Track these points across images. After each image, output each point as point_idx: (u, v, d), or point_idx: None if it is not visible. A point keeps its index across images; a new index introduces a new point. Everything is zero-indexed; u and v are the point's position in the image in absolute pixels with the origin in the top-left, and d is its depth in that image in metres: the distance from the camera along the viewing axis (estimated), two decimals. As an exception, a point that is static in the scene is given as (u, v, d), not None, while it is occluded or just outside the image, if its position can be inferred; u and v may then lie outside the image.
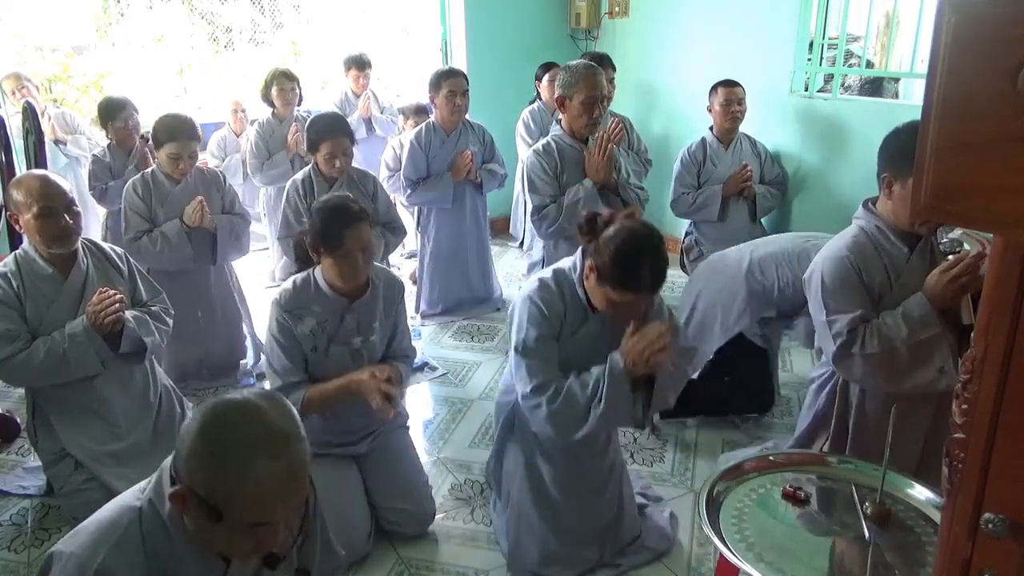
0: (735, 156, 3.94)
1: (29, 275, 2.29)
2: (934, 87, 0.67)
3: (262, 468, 1.11)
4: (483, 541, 2.33)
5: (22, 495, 2.59)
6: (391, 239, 3.33)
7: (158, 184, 3.16)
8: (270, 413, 1.16)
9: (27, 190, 2.22)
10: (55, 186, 2.25)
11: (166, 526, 1.21)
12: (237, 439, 1.13)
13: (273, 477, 1.12)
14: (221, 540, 1.20)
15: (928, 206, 0.70)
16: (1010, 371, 0.73)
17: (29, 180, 2.26)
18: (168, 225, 3.12)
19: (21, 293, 2.27)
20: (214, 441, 1.13)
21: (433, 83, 3.82)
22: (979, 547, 0.79)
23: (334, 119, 3.25)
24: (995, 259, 0.73)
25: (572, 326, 1.95)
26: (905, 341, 1.89)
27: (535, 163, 2.99)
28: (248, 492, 1.11)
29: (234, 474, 1.11)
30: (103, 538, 1.19)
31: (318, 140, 3.10)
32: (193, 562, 1.24)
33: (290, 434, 1.16)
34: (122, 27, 7.65)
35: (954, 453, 0.80)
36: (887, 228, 2.00)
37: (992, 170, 0.65)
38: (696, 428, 2.94)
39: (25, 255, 2.32)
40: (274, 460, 1.12)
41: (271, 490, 1.13)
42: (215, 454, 1.12)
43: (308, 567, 1.46)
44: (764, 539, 1.56)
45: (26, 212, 2.23)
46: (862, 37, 4.84)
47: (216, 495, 1.12)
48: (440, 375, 3.46)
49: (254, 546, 1.19)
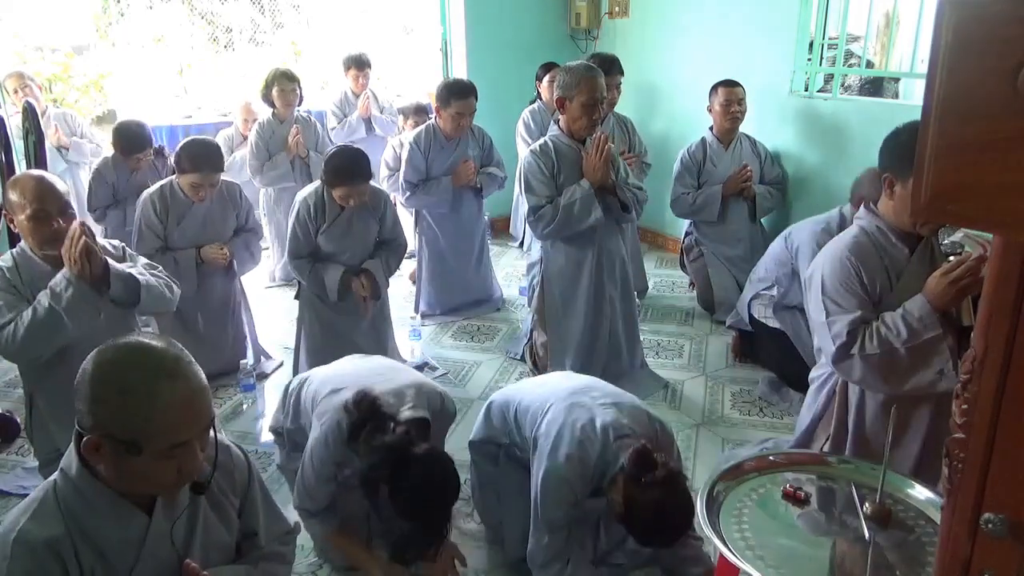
0: (735, 156, 3.94)
1: (27, 272, 2.29)
2: (934, 87, 0.67)
3: (166, 390, 1.20)
4: (483, 541, 2.33)
5: (22, 495, 2.59)
6: (393, 263, 3.28)
7: (176, 200, 3.16)
8: (156, 345, 1.25)
9: (22, 191, 2.21)
10: (50, 188, 2.24)
11: (77, 488, 1.27)
12: (135, 372, 1.20)
13: (178, 396, 1.21)
14: (144, 475, 1.25)
15: (928, 206, 0.70)
16: (1010, 371, 0.73)
17: (25, 180, 2.25)
18: (183, 256, 3.16)
19: (19, 285, 2.27)
20: (114, 380, 1.20)
21: (442, 98, 3.73)
22: (979, 547, 0.79)
23: (354, 161, 2.96)
24: (995, 259, 0.73)
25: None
26: (905, 343, 1.89)
27: (532, 163, 2.98)
28: (159, 414, 1.19)
29: (143, 401, 1.19)
30: (23, 511, 1.28)
31: (335, 183, 2.96)
32: (113, 519, 1.28)
33: (180, 358, 1.25)
34: (122, 27, 7.64)
35: (954, 453, 0.80)
36: (888, 229, 2.00)
37: (992, 170, 0.65)
38: (696, 428, 2.95)
39: (22, 253, 2.32)
40: (174, 381, 1.21)
41: (179, 408, 1.21)
42: (118, 390, 1.19)
43: (254, 528, 1.52)
44: (764, 539, 1.56)
45: (20, 213, 2.22)
46: (862, 37, 4.84)
47: (130, 428, 1.19)
48: (440, 375, 3.46)
49: (176, 472, 1.25)
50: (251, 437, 2.96)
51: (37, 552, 1.22)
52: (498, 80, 5.18)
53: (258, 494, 1.54)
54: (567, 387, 2.09)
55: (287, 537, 1.62)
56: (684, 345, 3.72)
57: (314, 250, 3.11)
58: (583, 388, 2.07)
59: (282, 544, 1.60)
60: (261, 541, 1.53)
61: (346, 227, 3.10)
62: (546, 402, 2.03)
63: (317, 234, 3.08)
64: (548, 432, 1.94)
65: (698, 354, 3.62)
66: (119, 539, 1.29)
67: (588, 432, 1.90)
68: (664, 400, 3.18)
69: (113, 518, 1.29)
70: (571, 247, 3.09)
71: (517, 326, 3.95)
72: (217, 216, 3.27)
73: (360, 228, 3.13)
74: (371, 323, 3.30)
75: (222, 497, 1.46)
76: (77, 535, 1.25)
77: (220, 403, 3.22)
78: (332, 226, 3.07)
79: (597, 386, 2.10)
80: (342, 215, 3.07)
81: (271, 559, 1.54)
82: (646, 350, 3.44)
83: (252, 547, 1.52)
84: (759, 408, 3.09)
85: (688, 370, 3.45)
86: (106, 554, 1.28)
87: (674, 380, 3.34)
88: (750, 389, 3.24)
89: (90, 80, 7.48)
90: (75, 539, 1.25)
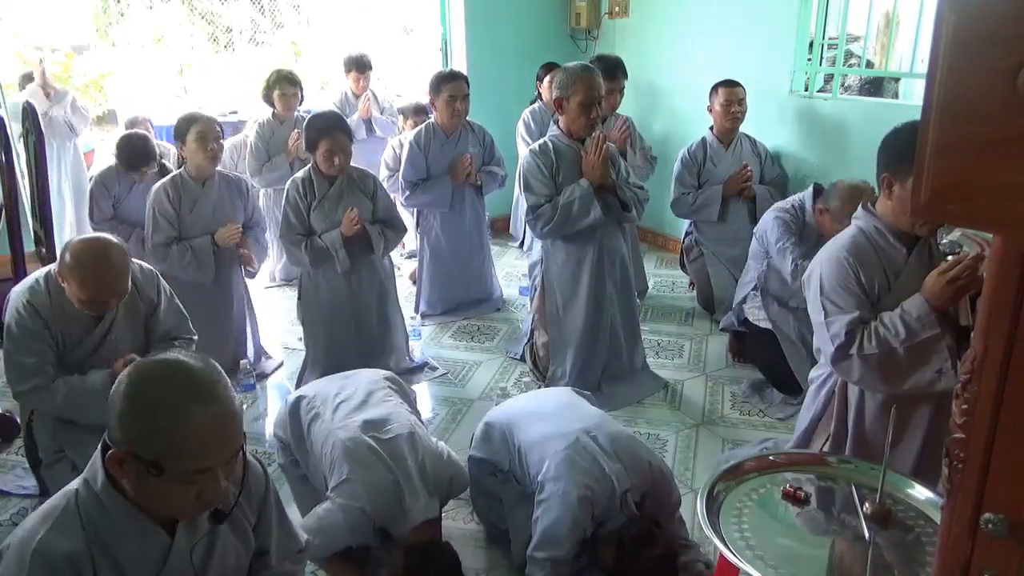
0: (735, 156, 3.94)
1: (59, 306, 2.20)
2: (934, 87, 0.66)
3: (196, 413, 1.16)
4: (483, 541, 2.33)
5: (22, 495, 2.59)
6: (391, 236, 3.33)
7: (186, 187, 3.23)
8: (194, 365, 1.21)
9: (80, 282, 2.07)
10: (112, 283, 2.10)
11: (101, 501, 1.23)
12: (168, 390, 1.17)
13: (207, 420, 1.17)
14: (164, 496, 1.22)
15: (928, 206, 0.70)
16: (1010, 371, 0.73)
17: (83, 272, 2.06)
18: (199, 242, 3.20)
19: (51, 323, 2.20)
20: (145, 396, 1.17)
21: (433, 86, 3.81)
22: (979, 547, 0.79)
23: (332, 117, 3.25)
24: (995, 259, 0.73)
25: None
26: (903, 342, 1.89)
27: (531, 163, 2.99)
28: (186, 437, 1.16)
29: (170, 422, 1.15)
30: (42, 520, 1.23)
31: (316, 138, 3.11)
32: (135, 536, 1.25)
33: (217, 381, 1.21)
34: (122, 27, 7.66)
35: (954, 453, 0.80)
36: (886, 229, 2.00)
37: (992, 170, 0.65)
38: (696, 428, 2.95)
39: (58, 287, 2.18)
40: (206, 404, 1.17)
41: (207, 434, 1.17)
42: (148, 407, 1.16)
43: (266, 547, 1.48)
44: (764, 539, 1.56)
45: (70, 286, 2.10)
46: (862, 37, 4.84)
47: (155, 447, 1.15)
48: (440, 375, 3.46)
49: (197, 497, 1.21)
50: (251, 437, 2.96)
51: (56, 566, 1.18)
52: (498, 80, 5.18)
53: (272, 511, 1.50)
54: (569, 428, 2.11)
55: (298, 556, 1.59)
56: (684, 345, 3.72)
57: (308, 231, 3.17)
58: (584, 429, 2.10)
59: (293, 563, 1.56)
60: (272, 560, 1.49)
61: (336, 201, 3.16)
62: (551, 446, 2.08)
63: (309, 212, 3.14)
64: (558, 476, 1.99)
65: (698, 354, 3.62)
66: (139, 557, 1.26)
67: (597, 480, 1.98)
68: (664, 400, 3.18)
69: (135, 535, 1.25)
70: (572, 246, 3.09)
71: (517, 326, 3.95)
72: (227, 205, 3.33)
73: (351, 203, 3.17)
74: (377, 321, 3.32)
75: (241, 516, 1.42)
76: (97, 549, 1.22)
77: (220, 403, 3.22)
78: (323, 200, 3.15)
79: (597, 425, 2.15)
80: (331, 190, 3.16)
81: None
82: (646, 350, 3.44)
83: (263, 566, 1.49)
84: (759, 408, 3.09)
85: (688, 370, 3.45)
86: (125, 571, 1.25)
87: (674, 380, 3.34)
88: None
89: (90, 80, 7.49)
90: (95, 553, 1.22)
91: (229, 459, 1.23)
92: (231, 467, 1.26)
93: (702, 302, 4.10)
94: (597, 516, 1.98)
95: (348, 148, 3.16)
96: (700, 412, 3.08)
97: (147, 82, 7.47)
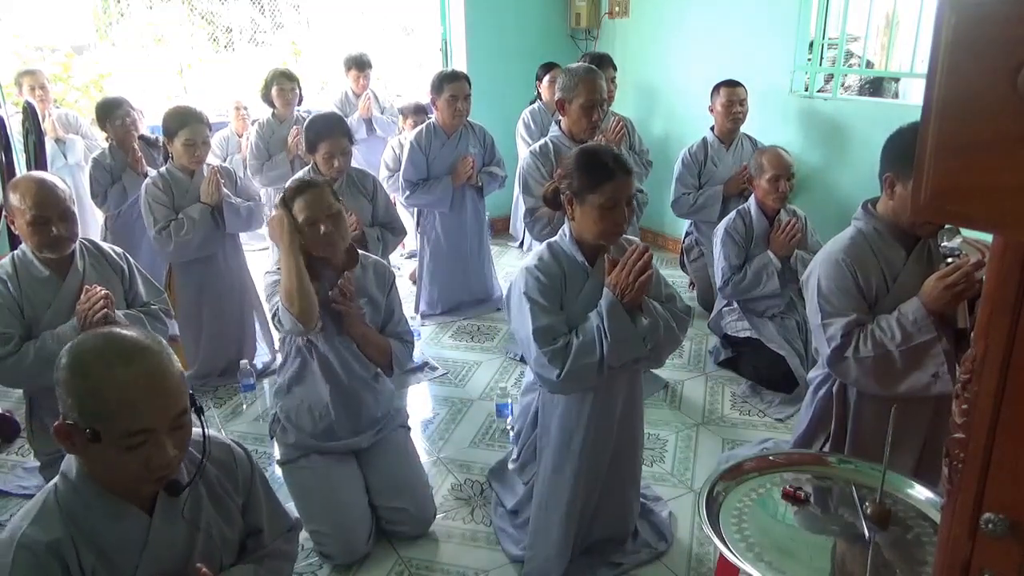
0: (736, 156, 3.94)
1: (26, 277, 2.29)
2: (934, 87, 0.67)
3: (121, 373, 1.19)
4: (483, 541, 2.33)
5: (22, 495, 2.59)
6: (390, 239, 3.33)
7: (176, 180, 3.23)
8: (127, 334, 1.25)
9: (22, 195, 2.20)
10: (50, 193, 2.21)
11: (77, 489, 1.27)
12: (96, 356, 1.20)
13: (132, 380, 1.19)
14: (113, 467, 1.24)
15: (928, 206, 0.70)
16: (1010, 371, 0.73)
17: (25, 184, 2.23)
18: (191, 208, 3.20)
19: (19, 296, 2.26)
20: (78, 363, 1.20)
21: (435, 85, 3.81)
22: (979, 547, 0.79)
23: (332, 119, 3.26)
24: (995, 259, 0.73)
25: (574, 289, 1.97)
26: (899, 345, 1.89)
27: (531, 164, 2.98)
28: (112, 396, 1.18)
29: (98, 383, 1.18)
30: (25, 516, 1.27)
31: (316, 140, 3.10)
32: (111, 518, 1.29)
33: (147, 347, 1.23)
34: (122, 27, 7.66)
35: (954, 453, 0.80)
36: (885, 230, 2.00)
37: (992, 170, 0.65)
38: (696, 428, 2.95)
39: (23, 256, 2.31)
40: (131, 364, 1.20)
41: (135, 393, 1.19)
42: (80, 373, 1.19)
43: (259, 526, 1.53)
44: (764, 539, 1.56)
45: (19, 217, 2.22)
46: (862, 37, 4.84)
47: (88, 411, 1.19)
48: (440, 375, 3.46)
49: (144, 465, 1.22)
50: (251, 437, 2.96)
51: (39, 556, 1.22)
52: (498, 80, 5.18)
53: (260, 491, 1.54)
54: None
55: (290, 534, 1.63)
56: (684, 345, 3.71)
57: None
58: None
59: (286, 541, 1.60)
60: (265, 538, 1.53)
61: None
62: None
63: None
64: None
65: (698, 354, 3.62)
66: (119, 538, 1.29)
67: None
68: (664, 400, 3.18)
69: (111, 517, 1.29)
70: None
71: (517, 326, 3.94)
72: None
73: (350, 204, 3.15)
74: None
75: (225, 497, 1.46)
76: (78, 537, 1.26)
77: (220, 403, 3.23)
78: None
79: None
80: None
81: (276, 556, 1.54)
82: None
83: (257, 544, 1.53)
84: (759, 408, 3.09)
85: (688, 370, 3.45)
86: (108, 555, 1.28)
87: (674, 380, 3.34)
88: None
89: (90, 80, 7.47)
90: (76, 541, 1.25)
91: (170, 424, 1.23)
92: (180, 437, 1.26)
93: (702, 302, 4.10)
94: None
95: (348, 150, 3.16)
96: (700, 412, 3.08)
97: (147, 82, 7.47)
